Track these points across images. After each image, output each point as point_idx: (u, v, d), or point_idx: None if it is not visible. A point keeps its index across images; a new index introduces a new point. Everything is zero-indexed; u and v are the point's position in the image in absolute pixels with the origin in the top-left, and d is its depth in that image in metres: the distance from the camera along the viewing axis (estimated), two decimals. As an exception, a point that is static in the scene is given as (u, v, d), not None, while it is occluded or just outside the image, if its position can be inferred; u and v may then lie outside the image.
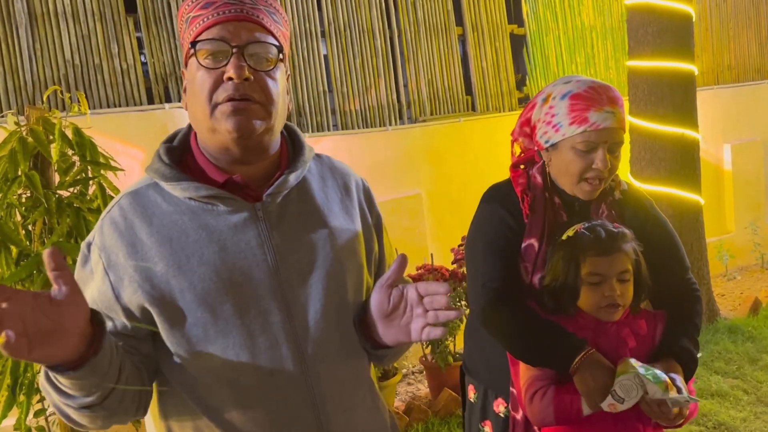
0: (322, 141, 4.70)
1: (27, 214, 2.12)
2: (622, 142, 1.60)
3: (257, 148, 1.16)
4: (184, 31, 1.16)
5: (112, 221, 1.14)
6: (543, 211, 1.64)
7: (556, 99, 1.60)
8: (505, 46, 5.95)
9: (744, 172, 6.42)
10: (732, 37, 7.22)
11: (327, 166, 1.32)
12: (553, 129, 1.60)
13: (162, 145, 1.22)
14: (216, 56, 1.10)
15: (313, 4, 5.05)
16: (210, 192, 1.13)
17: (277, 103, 1.14)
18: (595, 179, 1.58)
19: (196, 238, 1.11)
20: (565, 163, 1.60)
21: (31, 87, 4.10)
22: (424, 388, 4.26)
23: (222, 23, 1.10)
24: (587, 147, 1.56)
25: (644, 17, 4.66)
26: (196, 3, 1.13)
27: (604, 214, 1.66)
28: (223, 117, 1.10)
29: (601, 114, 1.54)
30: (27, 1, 4.09)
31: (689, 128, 4.69)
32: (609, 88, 1.59)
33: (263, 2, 1.15)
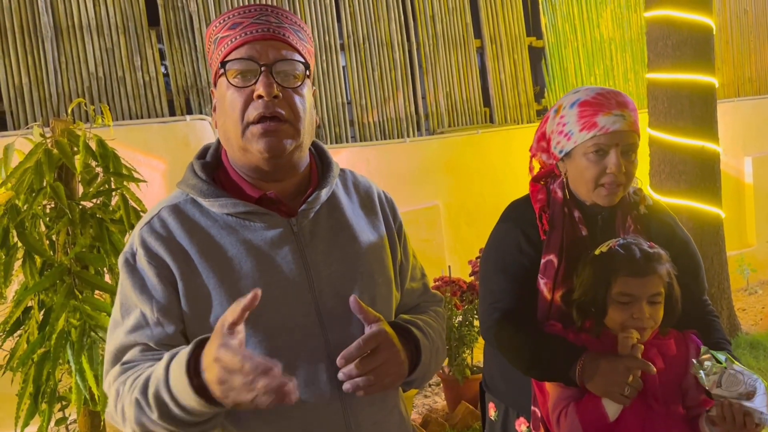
0: (341, 152, 4.73)
1: (51, 225, 2.15)
2: (635, 145, 1.59)
3: (287, 166, 1.19)
4: (213, 52, 1.20)
5: (153, 231, 1.16)
6: (561, 226, 1.62)
7: (566, 108, 1.61)
8: (523, 58, 5.95)
9: (765, 185, 6.35)
10: (753, 50, 7.17)
11: (351, 181, 1.35)
12: (566, 138, 1.60)
13: (196, 161, 1.24)
14: (245, 75, 1.14)
15: (333, 17, 5.09)
16: (247, 208, 1.15)
17: (304, 119, 1.17)
18: (611, 184, 1.56)
19: (234, 253, 1.14)
20: (579, 170, 1.59)
21: (56, 99, 4.17)
22: (441, 400, 4.24)
23: (250, 43, 1.14)
24: (599, 151, 1.55)
25: (664, 29, 4.64)
26: (223, 24, 1.17)
27: (630, 228, 1.63)
28: (254, 138, 1.13)
29: (609, 117, 1.54)
30: (53, 14, 4.17)
31: (709, 141, 4.65)
32: (617, 93, 1.59)
33: (289, 21, 1.18)
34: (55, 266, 2.09)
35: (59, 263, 2.09)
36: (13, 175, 2.12)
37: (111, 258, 2.17)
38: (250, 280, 1.12)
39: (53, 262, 2.10)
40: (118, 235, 2.18)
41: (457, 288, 3.84)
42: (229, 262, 1.13)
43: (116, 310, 1.18)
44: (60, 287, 2.07)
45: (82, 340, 2.06)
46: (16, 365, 2.06)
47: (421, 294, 1.39)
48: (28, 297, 2.09)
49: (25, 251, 2.09)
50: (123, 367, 1.13)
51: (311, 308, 1.15)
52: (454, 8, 5.62)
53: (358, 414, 1.18)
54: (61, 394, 2.17)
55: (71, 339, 2.06)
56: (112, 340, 1.17)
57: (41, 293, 2.10)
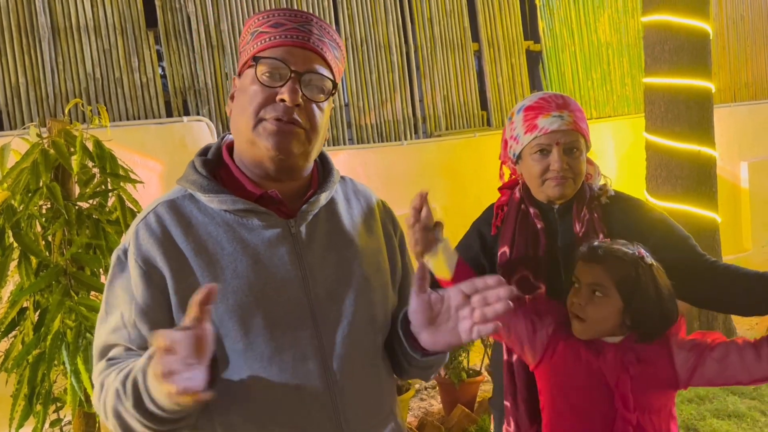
0: (339, 154, 4.73)
1: (47, 225, 2.14)
2: (576, 142, 1.66)
3: (291, 169, 1.19)
4: (248, 42, 1.20)
5: (148, 227, 1.15)
6: (514, 221, 1.76)
7: (515, 115, 1.74)
8: (520, 62, 5.96)
9: (761, 190, 6.37)
10: (749, 55, 7.19)
11: (351, 189, 1.36)
12: (515, 142, 1.73)
13: (197, 158, 1.24)
14: (273, 75, 1.14)
15: (331, 19, 5.10)
16: (246, 206, 1.15)
17: (319, 132, 1.19)
18: (556, 178, 1.66)
19: (230, 251, 1.13)
20: (528, 169, 1.71)
21: (53, 100, 4.16)
22: (437, 404, 4.24)
23: (287, 46, 1.15)
24: (542, 150, 1.66)
25: (661, 34, 4.66)
26: (266, 20, 1.18)
27: (586, 218, 1.70)
28: (265, 133, 1.14)
29: (548, 119, 1.65)
30: (50, 15, 4.16)
31: (706, 146, 4.67)
32: (560, 97, 1.70)
33: (329, 36, 1.20)
34: (50, 267, 2.08)
35: (55, 264, 2.09)
36: (9, 175, 2.11)
37: (107, 259, 2.16)
38: (244, 279, 1.12)
39: (49, 263, 2.10)
40: (114, 236, 2.18)
41: (453, 291, 3.84)
42: (225, 260, 1.12)
43: (103, 304, 1.18)
44: (56, 288, 2.06)
45: (78, 342, 2.05)
46: (11, 366, 2.05)
47: None
48: (23, 298, 2.08)
49: (21, 252, 2.08)
50: (108, 363, 1.13)
51: (305, 310, 1.14)
52: (451, 11, 5.63)
53: (350, 419, 1.17)
54: (56, 396, 2.16)
55: (66, 340, 2.05)
56: (98, 335, 1.18)
57: (37, 294, 2.10)
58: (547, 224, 1.74)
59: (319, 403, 1.13)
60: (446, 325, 1.14)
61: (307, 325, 1.14)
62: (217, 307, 1.10)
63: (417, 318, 1.17)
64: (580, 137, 1.67)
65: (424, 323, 1.16)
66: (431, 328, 1.16)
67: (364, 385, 1.20)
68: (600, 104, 6.30)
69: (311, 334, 1.14)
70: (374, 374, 1.23)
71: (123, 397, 1.04)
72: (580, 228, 1.70)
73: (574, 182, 1.68)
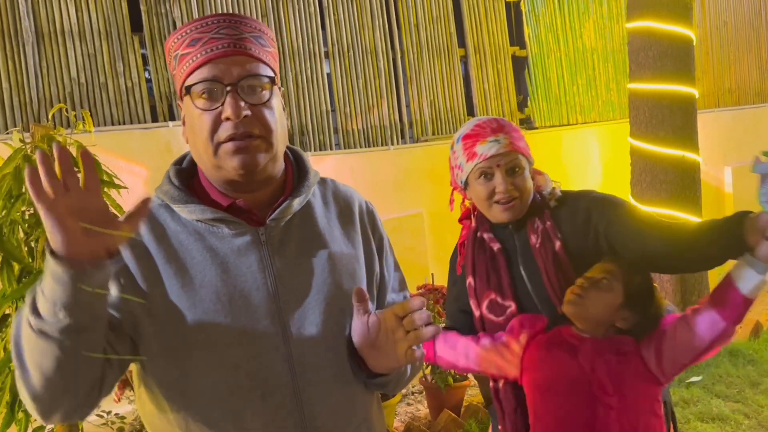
0: (325, 160, 4.72)
1: (30, 231, 2.13)
2: (517, 162, 1.69)
3: (262, 179, 1.18)
4: (175, 68, 1.17)
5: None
6: (471, 250, 1.81)
7: (456, 144, 1.78)
8: (506, 68, 5.99)
9: (745, 195, 6.43)
10: (732, 61, 7.27)
11: (331, 191, 1.33)
12: (460, 170, 1.77)
13: (172, 167, 1.23)
14: (211, 95, 1.11)
15: (317, 25, 5.10)
16: (215, 215, 1.14)
17: (276, 131, 1.15)
18: (504, 200, 1.69)
19: (200, 259, 1.13)
20: (475, 193, 1.75)
21: (37, 105, 4.13)
22: (423, 408, 4.24)
23: (212, 61, 1.11)
24: (485, 175, 1.70)
25: (645, 40, 4.70)
26: (182, 40, 1.14)
27: (540, 228, 1.72)
28: (227, 156, 1.11)
29: (485, 145, 1.69)
30: (34, 19, 4.14)
31: (690, 150, 4.71)
32: (493, 121, 1.73)
33: (249, 29, 1.15)
34: (33, 273, 2.06)
35: (38, 270, 2.07)
36: (-8, 180, 2.09)
37: (91, 265, 2.14)
38: (212, 288, 1.11)
39: (32, 269, 2.08)
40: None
41: (440, 296, 3.85)
42: (193, 269, 1.12)
43: None
44: (38, 294, 2.04)
45: (61, 348, 2.03)
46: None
47: None
48: (5, 304, 2.06)
49: (3, 258, 2.06)
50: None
51: (275, 318, 1.13)
52: (438, 17, 5.65)
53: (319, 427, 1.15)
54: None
55: (49, 347, 2.03)
56: None
57: (19, 301, 2.08)
58: (503, 243, 1.78)
59: (286, 411, 1.13)
60: (386, 347, 1.13)
61: (276, 334, 1.13)
62: (184, 314, 1.10)
63: (358, 340, 1.16)
64: (519, 156, 1.70)
65: (365, 345, 1.15)
66: (373, 350, 1.15)
67: (334, 394, 1.18)
68: (585, 109, 6.34)
69: (279, 342, 1.13)
70: (345, 383, 1.20)
71: (24, 309, 0.98)
72: (536, 239, 1.71)
73: (521, 201, 1.71)
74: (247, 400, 1.12)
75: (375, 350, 1.15)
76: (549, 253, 1.69)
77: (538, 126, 6.07)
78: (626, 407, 1.51)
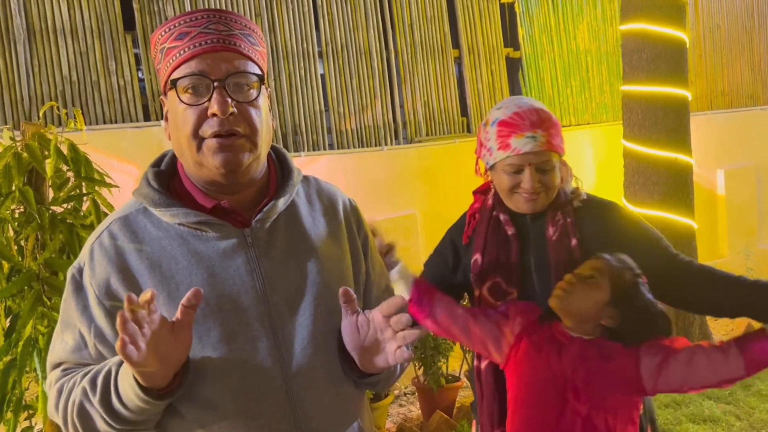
0: (318, 160, 4.71)
1: (20, 230, 2.11)
2: (549, 162, 1.67)
3: (244, 179, 1.15)
4: (160, 62, 1.14)
5: (102, 247, 1.13)
6: (485, 229, 1.77)
7: (490, 125, 1.72)
8: (500, 69, 5.99)
9: (737, 197, 6.45)
10: (725, 64, 7.30)
11: (314, 189, 1.31)
12: (488, 153, 1.73)
13: (150, 170, 1.20)
14: (197, 90, 1.09)
15: (311, 24, 5.09)
16: (199, 218, 1.12)
17: (261, 131, 1.13)
18: (528, 194, 1.68)
19: (185, 264, 1.11)
20: (499, 181, 1.73)
21: (28, 102, 4.11)
22: (415, 409, 4.23)
23: (200, 56, 1.09)
24: (513, 169, 1.67)
25: (639, 43, 4.71)
26: (169, 33, 1.11)
27: (560, 222, 1.71)
28: (210, 153, 1.09)
29: (521, 140, 1.64)
30: (26, 17, 4.11)
31: (683, 153, 4.72)
32: (534, 112, 1.66)
33: (238, 26, 1.13)
34: (23, 272, 2.04)
35: (27, 269, 2.05)
36: (-19, 178, 2.08)
37: (81, 264, 2.13)
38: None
39: (21, 268, 2.06)
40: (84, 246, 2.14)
41: (432, 297, 3.84)
42: (179, 275, 1.10)
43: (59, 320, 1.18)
44: (28, 293, 2.03)
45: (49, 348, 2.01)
46: (-19, 373, 2.01)
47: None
48: (-6, 303, 2.05)
49: (-8, 256, 2.04)
50: (64, 371, 1.14)
51: (264, 321, 1.12)
52: (432, 18, 5.65)
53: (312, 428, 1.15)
54: (27, 403, 2.12)
55: (38, 346, 2.02)
56: (53, 350, 1.18)
57: (8, 299, 2.06)
58: (518, 230, 1.75)
59: (279, 413, 1.12)
60: (375, 347, 1.13)
61: (266, 336, 1.12)
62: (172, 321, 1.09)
63: (348, 340, 1.15)
64: (552, 156, 1.67)
65: (355, 345, 1.14)
66: (363, 350, 1.14)
67: (326, 395, 1.18)
68: (579, 111, 6.35)
69: (270, 344, 1.12)
70: (337, 383, 1.20)
71: (90, 393, 1.04)
72: (554, 232, 1.70)
73: (546, 195, 1.69)
74: (241, 404, 1.11)
75: (365, 350, 1.14)
76: (564, 247, 1.68)
77: (531, 127, 6.07)
78: (597, 415, 1.50)
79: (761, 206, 6.63)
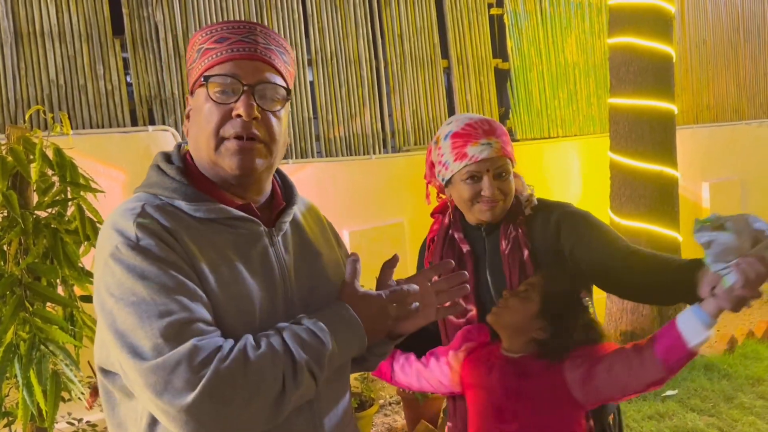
0: (306, 167, 4.71)
1: (2, 234, 2.09)
2: (505, 167, 1.70)
3: (255, 185, 1.21)
4: (195, 61, 1.19)
5: (147, 220, 1.07)
6: (441, 249, 1.80)
7: (442, 140, 1.75)
8: (489, 80, 6.02)
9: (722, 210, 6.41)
10: (711, 78, 7.38)
11: (302, 204, 1.37)
12: (444, 168, 1.74)
13: (169, 166, 1.18)
14: (226, 91, 1.14)
15: (301, 32, 5.09)
16: (234, 214, 1.15)
17: (278, 142, 1.19)
18: (488, 201, 1.69)
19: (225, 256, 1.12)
20: (458, 193, 1.74)
21: (14, 106, 4.08)
22: (400, 419, 4.22)
23: (236, 60, 1.14)
24: (473, 177, 1.69)
25: (626, 56, 4.75)
26: (209, 36, 1.17)
27: (512, 235, 1.72)
28: (228, 153, 1.13)
29: (477, 147, 1.67)
30: (13, 19, 4.08)
31: (668, 166, 4.76)
32: (486, 122, 1.72)
33: (275, 42, 1.20)
34: (5, 277, 2.02)
35: (10, 274, 2.03)
36: (-36, 182, 2.05)
37: (65, 269, 2.11)
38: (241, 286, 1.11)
39: (3, 273, 2.04)
40: (72, 246, 2.13)
41: (419, 306, 3.84)
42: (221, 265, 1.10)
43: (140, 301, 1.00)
44: (10, 299, 2.00)
45: (31, 354, 1.99)
46: (-39, 379, 1.99)
47: None
48: (-25, 308, 2.02)
49: (-26, 261, 2.02)
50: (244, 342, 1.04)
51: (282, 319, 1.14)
52: (422, 28, 5.67)
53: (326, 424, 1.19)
54: (7, 410, 2.10)
55: (19, 352, 2.00)
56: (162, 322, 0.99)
57: (-9, 304, 2.04)
58: (473, 246, 1.77)
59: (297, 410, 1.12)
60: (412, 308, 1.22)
61: None
62: (217, 310, 1.07)
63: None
64: (507, 161, 1.71)
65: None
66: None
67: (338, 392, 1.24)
68: (566, 123, 6.39)
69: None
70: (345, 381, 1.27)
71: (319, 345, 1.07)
72: (506, 245, 1.71)
73: (504, 203, 1.72)
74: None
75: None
76: (516, 260, 1.69)
77: (519, 138, 6.10)
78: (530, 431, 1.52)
79: (745, 220, 6.67)
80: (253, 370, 0.99)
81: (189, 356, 0.96)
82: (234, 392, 0.97)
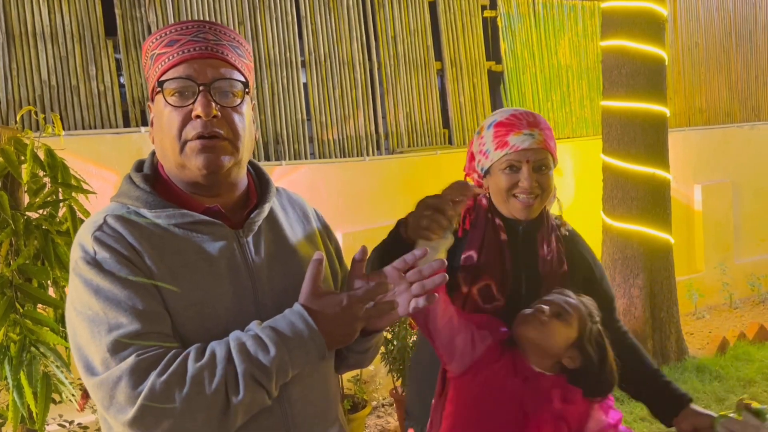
0: (300, 169, 4.70)
1: (-8, 236, 2.07)
2: (545, 160, 1.69)
3: (225, 182, 1.19)
4: (150, 68, 1.18)
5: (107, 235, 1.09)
6: (483, 227, 1.74)
7: (485, 130, 1.73)
8: (482, 82, 6.03)
9: (714, 213, 6.53)
10: (703, 81, 7.41)
11: (286, 199, 1.36)
12: (484, 156, 1.72)
13: (135, 174, 1.21)
14: (183, 93, 1.13)
15: (295, 34, 5.09)
16: (195, 218, 1.14)
17: (243, 137, 1.17)
18: (525, 195, 1.67)
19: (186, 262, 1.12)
20: (496, 183, 1.71)
21: (5, 106, 4.06)
22: (393, 421, 4.21)
23: (188, 61, 1.13)
24: (512, 167, 1.67)
25: (618, 59, 4.76)
26: (160, 40, 1.16)
27: (553, 245, 1.73)
28: (192, 154, 1.13)
29: (519, 136, 1.65)
30: (5, 20, 4.07)
31: (660, 168, 4.78)
32: (530, 114, 1.71)
33: (227, 37, 1.18)
34: (-5, 278, 2.01)
35: (0, 275, 2.02)
36: (-45, 182, 2.04)
37: (56, 271, 2.10)
38: (203, 292, 1.10)
39: (-7, 275, 2.03)
40: (64, 248, 2.12)
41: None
42: (181, 273, 1.10)
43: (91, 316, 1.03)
44: (0, 300, 1.99)
45: (22, 356, 1.98)
46: (-50, 381, 1.97)
47: None
48: (-35, 310, 2.00)
49: (-36, 262, 2.01)
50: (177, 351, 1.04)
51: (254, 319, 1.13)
52: (415, 30, 5.67)
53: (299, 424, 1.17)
54: (-7, 415, 2.09)
55: (9, 354, 1.98)
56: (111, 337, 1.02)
57: (-20, 307, 2.02)
58: (510, 239, 1.74)
59: (268, 411, 1.12)
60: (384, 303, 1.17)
61: None
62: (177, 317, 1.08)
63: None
64: (548, 155, 1.69)
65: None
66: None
67: (312, 393, 1.21)
68: (559, 125, 6.40)
69: None
70: (321, 381, 1.24)
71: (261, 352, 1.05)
72: (548, 253, 1.71)
73: (541, 199, 1.70)
74: None
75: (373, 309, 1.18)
76: (555, 272, 1.70)
77: (512, 140, 6.11)
78: None
79: (737, 222, 6.72)
80: (190, 382, 1.00)
81: (129, 371, 0.99)
82: (173, 405, 0.98)
